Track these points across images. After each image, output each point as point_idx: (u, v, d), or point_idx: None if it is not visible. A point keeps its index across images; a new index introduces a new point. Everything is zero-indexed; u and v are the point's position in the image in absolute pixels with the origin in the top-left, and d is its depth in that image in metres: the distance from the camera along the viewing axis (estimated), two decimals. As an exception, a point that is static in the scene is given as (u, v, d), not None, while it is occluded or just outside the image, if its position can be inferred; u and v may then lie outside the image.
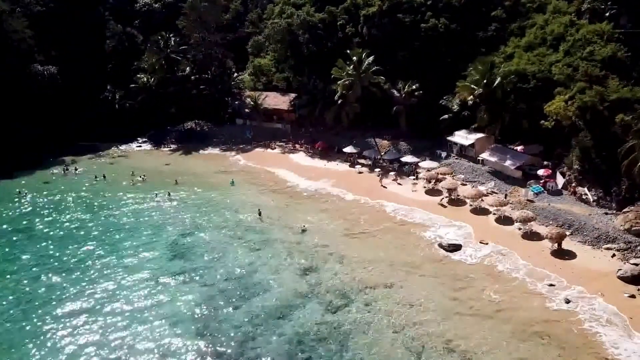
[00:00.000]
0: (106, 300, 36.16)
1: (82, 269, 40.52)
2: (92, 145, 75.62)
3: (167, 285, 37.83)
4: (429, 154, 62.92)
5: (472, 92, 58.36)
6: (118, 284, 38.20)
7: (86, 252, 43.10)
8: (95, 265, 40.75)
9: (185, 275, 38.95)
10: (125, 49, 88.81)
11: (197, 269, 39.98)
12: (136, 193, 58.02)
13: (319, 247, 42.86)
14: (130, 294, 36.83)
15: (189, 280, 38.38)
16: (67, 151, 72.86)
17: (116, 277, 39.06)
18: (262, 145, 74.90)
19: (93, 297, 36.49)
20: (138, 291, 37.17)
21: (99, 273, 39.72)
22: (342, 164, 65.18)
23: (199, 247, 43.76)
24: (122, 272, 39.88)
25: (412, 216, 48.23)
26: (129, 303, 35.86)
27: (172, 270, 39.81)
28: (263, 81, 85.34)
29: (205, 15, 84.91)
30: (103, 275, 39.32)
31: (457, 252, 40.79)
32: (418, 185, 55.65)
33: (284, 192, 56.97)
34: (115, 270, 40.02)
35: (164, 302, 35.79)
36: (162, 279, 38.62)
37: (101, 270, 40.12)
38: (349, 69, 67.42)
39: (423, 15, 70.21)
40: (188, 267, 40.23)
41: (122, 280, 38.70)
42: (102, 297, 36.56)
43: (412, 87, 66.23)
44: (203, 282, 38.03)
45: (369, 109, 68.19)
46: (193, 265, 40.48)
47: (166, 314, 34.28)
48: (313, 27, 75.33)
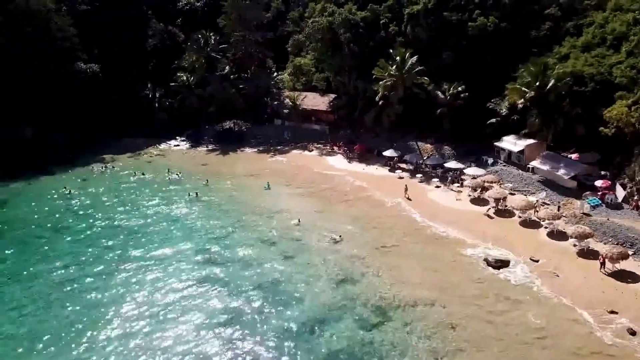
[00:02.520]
0: (129, 307, 34.91)
1: (102, 275, 39.01)
2: (131, 143, 75.76)
3: (193, 294, 36.25)
4: (474, 159, 59.70)
5: (523, 95, 54.72)
6: (142, 290, 36.82)
7: (111, 258, 41.73)
8: (119, 272, 39.23)
9: (213, 283, 37.28)
10: (167, 48, 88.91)
11: (226, 276, 38.26)
12: (171, 193, 57.29)
13: (355, 257, 40.50)
14: (155, 301, 35.41)
15: (216, 288, 36.68)
16: (106, 149, 73.16)
17: (141, 283, 37.66)
18: (299, 146, 73.21)
19: (114, 305, 35.16)
20: (163, 298, 35.71)
21: (122, 280, 38.26)
22: (381, 168, 62.67)
23: (230, 253, 42.13)
24: (148, 277, 38.46)
25: (456, 227, 45.14)
26: (152, 310, 34.40)
27: (200, 277, 38.15)
28: (302, 81, 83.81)
29: (246, 14, 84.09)
30: (127, 282, 37.91)
31: (504, 269, 37.66)
32: (462, 193, 52.50)
33: (319, 196, 54.92)
34: (141, 276, 38.58)
35: (189, 310, 34.21)
36: (189, 287, 37.06)
37: (126, 276, 38.67)
38: (392, 69, 64.81)
39: (471, 14, 66.76)
40: (216, 275, 38.52)
41: (146, 286, 37.26)
42: (127, 305, 35.23)
43: (457, 89, 63.06)
44: (231, 291, 36.28)
45: (411, 111, 65.34)
46: (221, 273, 38.75)
47: (190, 325, 32.73)
48: (355, 25, 73.07)
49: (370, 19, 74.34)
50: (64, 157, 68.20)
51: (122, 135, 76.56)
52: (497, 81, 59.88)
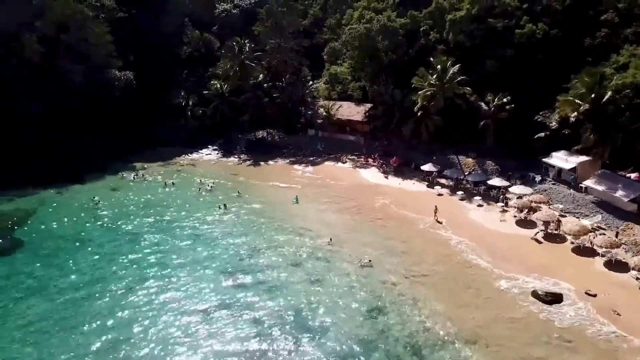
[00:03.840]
0: (140, 329, 32.75)
1: (120, 295, 36.86)
2: (162, 151, 74.85)
3: (213, 320, 33.70)
4: (519, 176, 55.43)
5: (576, 108, 50.23)
6: (159, 312, 34.61)
7: (131, 275, 39.61)
8: (137, 292, 37.05)
9: (234, 309, 34.62)
10: (201, 55, 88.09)
11: (248, 301, 35.53)
12: (200, 204, 55.45)
13: (384, 285, 37.19)
14: (170, 324, 33.13)
15: (237, 314, 33.99)
16: (137, 157, 72.42)
17: (158, 305, 35.43)
18: (332, 158, 70.37)
19: (126, 328, 33.05)
20: (179, 323, 33.34)
21: (139, 301, 36.03)
22: (419, 183, 59.07)
23: (253, 274, 39.43)
24: (166, 299, 36.23)
25: (499, 253, 41.12)
26: (165, 333, 32.15)
27: (221, 302, 35.52)
28: (338, 90, 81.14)
29: (282, 21, 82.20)
30: (144, 303, 35.69)
31: (556, 305, 33.56)
32: (507, 214, 48.35)
33: (349, 212, 51.81)
34: (159, 297, 36.38)
35: (207, 337, 31.72)
36: (209, 312, 34.50)
37: (143, 297, 36.47)
38: (432, 79, 61.32)
39: (518, 20, 62.82)
40: (238, 299, 35.78)
41: (164, 308, 35.00)
42: (138, 327, 33.06)
43: (502, 100, 58.95)
44: (252, 318, 33.51)
45: (451, 122, 61.63)
46: (243, 297, 36.00)
47: (207, 352, 30.26)
48: (393, 33, 70.05)
49: (409, 26, 71.36)
50: (96, 164, 67.54)
51: (154, 143, 75.73)
52: (546, 92, 55.67)
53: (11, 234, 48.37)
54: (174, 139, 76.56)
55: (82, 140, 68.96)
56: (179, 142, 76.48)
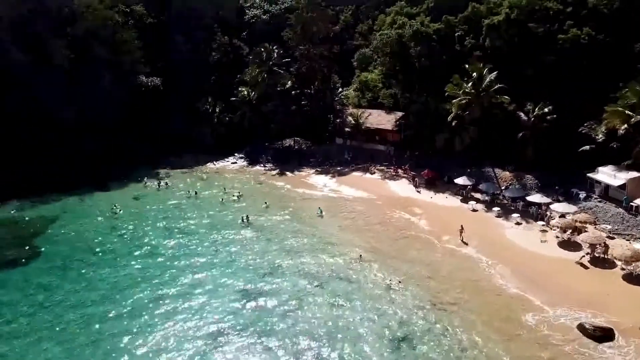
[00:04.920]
0: (152, 350, 30.85)
1: (132, 314, 35.06)
2: (187, 158, 73.81)
3: (226, 343, 31.52)
4: (561, 192, 51.49)
5: (627, 120, 46.17)
6: (170, 334, 32.57)
7: (146, 292, 37.76)
8: (150, 311, 35.08)
9: (249, 333, 32.22)
10: (230, 61, 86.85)
11: (264, 326, 32.93)
12: (222, 216, 53.52)
13: (415, 310, 34.24)
14: (183, 349, 31.06)
15: (251, 340, 31.63)
16: (162, 163, 71.52)
17: (170, 326, 33.36)
18: (360, 168, 67.57)
19: (138, 350, 31.19)
20: (189, 346, 31.24)
21: (152, 321, 34.02)
22: (452, 197, 55.71)
23: (272, 294, 36.98)
24: (179, 319, 34.20)
25: (539, 278, 37.42)
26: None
27: (236, 324, 33.20)
28: (368, 97, 78.46)
29: (312, 27, 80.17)
30: (157, 324, 33.73)
31: (607, 343, 29.93)
32: (548, 234, 44.58)
33: (377, 228, 49.00)
34: (172, 318, 34.28)
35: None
36: (223, 335, 32.35)
37: (157, 317, 34.55)
38: (467, 86, 57.97)
39: (561, 25, 58.73)
40: (253, 322, 33.26)
41: (176, 330, 32.96)
42: (148, 353, 31.12)
43: (543, 110, 55.04)
44: (267, 345, 31.16)
45: (488, 133, 58.04)
46: (259, 321, 33.38)
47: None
48: (427, 38, 66.97)
49: (444, 32, 68.09)
50: (120, 171, 66.92)
51: (179, 150, 74.70)
52: (591, 102, 51.50)
53: (29, 243, 47.53)
54: (199, 146, 75.43)
55: (107, 146, 68.48)
56: (205, 149, 75.26)
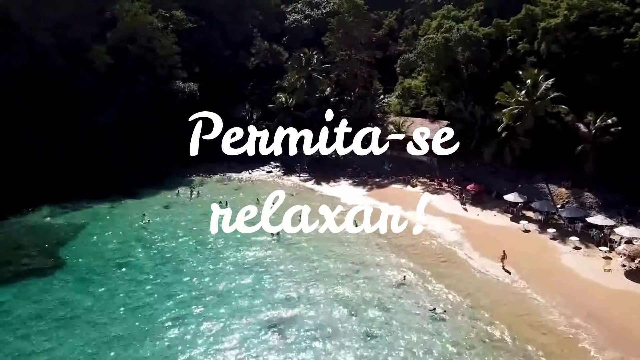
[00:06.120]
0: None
1: (147, 338, 32.45)
2: (222, 165, 71.77)
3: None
4: (626, 214, 46.09)
5: None
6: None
7: (165, 313, 35.22)
8: (166, 337, 32.44)
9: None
10: (269, 67, 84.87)
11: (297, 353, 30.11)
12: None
13: (460, 346, 30.33)
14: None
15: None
16: (196, 170, 69.82)
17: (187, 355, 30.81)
18: (400, 180, 63.70)
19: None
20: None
21: (167, 349, 31.45)
22: (500, 215, 51.13)
23: (300, 322, 33.63)
24: (197, 345, 31.61)
25: (602, 316, 32.67)
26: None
27: (255, 356, 30.43)
28: (411, 105, 74.63)
29: (354, 32, 77.14)
30: (169, 349, 31.19)
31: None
32: (613, 261, 39.54)
33: (418, 247, 45.15)
34: (190, 345, 31.57)
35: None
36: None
37: (174, 343, 31.89)
38: (520, 95, 53.52)
39: (628, 28, 53.36)
40: (275, 354, 30.49)
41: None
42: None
43: (606, 121, 49.93)
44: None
45: (542, 145, 53.28)
46: (282, 355, 30.59)
47: None
48: (476, 43, 62.74)
49: (494, 36, 63.79)
50: (153, 178, 65.45)
51: (215, 157, 72.65)
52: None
53: (55, 251, 46.03)
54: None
55: (141, 151, 67.35)
56: (240, 156, 72.96)
